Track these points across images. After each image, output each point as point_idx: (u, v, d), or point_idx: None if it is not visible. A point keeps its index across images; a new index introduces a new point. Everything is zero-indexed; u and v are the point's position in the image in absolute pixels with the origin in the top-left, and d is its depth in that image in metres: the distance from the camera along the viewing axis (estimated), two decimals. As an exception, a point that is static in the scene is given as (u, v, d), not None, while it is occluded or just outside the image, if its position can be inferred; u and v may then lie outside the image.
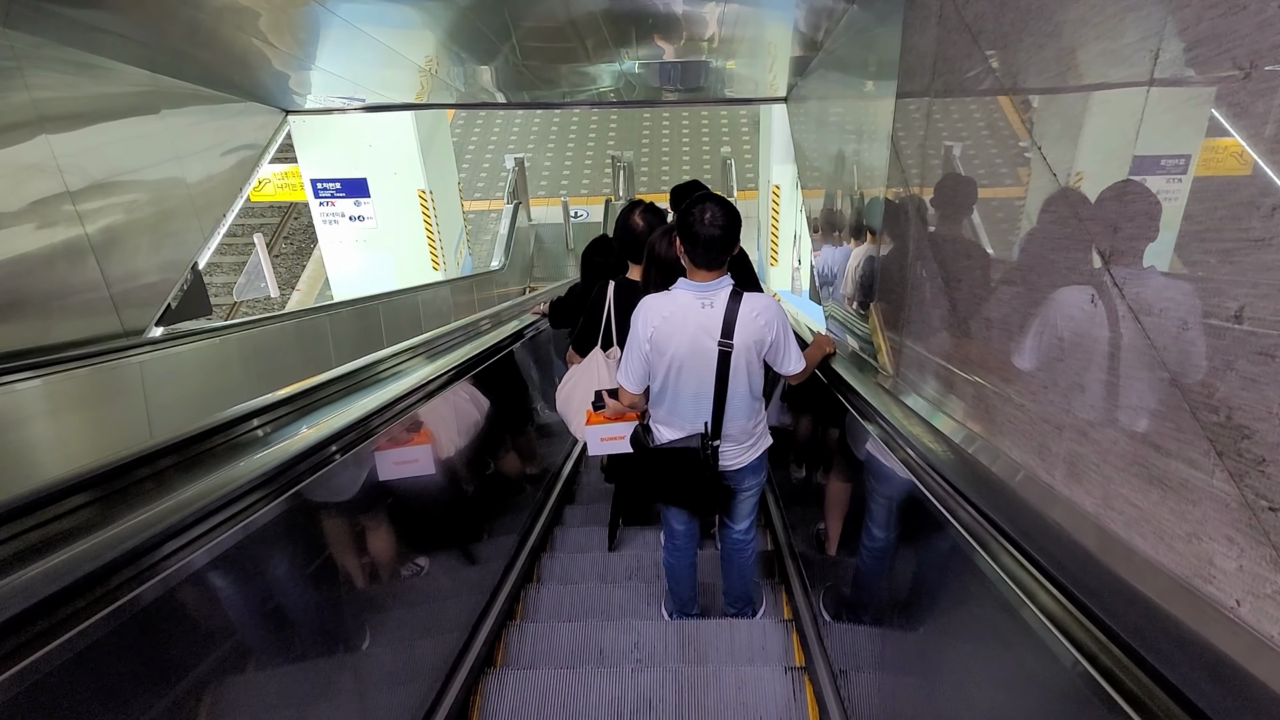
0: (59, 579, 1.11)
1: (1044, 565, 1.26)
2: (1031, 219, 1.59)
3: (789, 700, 2.79)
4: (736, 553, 3.20)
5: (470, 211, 14.76)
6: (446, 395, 2.93)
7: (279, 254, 14.29)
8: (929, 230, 2.32)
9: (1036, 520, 1.38)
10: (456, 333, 3.98)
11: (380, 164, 9.94)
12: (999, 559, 1.41)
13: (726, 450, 2.84)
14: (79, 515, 1.37)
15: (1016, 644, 1.34)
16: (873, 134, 3.01)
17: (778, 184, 10.37)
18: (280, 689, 1.73)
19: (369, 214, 10.17)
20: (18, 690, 1.04)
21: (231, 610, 1.56)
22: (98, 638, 1.16)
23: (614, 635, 3.19)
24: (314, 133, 9.70)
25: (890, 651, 2.14)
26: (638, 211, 3.22)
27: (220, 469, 1.60)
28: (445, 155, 11.45)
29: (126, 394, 3.66)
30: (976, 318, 1.85)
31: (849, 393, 2.60)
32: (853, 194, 3.48)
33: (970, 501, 1.55)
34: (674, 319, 2.62)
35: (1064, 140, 1.49)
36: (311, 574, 1.89)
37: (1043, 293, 1.49)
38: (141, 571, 1.27)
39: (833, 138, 4.08)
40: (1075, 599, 1.17)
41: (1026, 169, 1.65)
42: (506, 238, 12.17)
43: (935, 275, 2.18)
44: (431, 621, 2.67)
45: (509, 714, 2.75)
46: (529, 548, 3.88)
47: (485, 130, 16.48)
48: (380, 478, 2.29)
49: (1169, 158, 1.17)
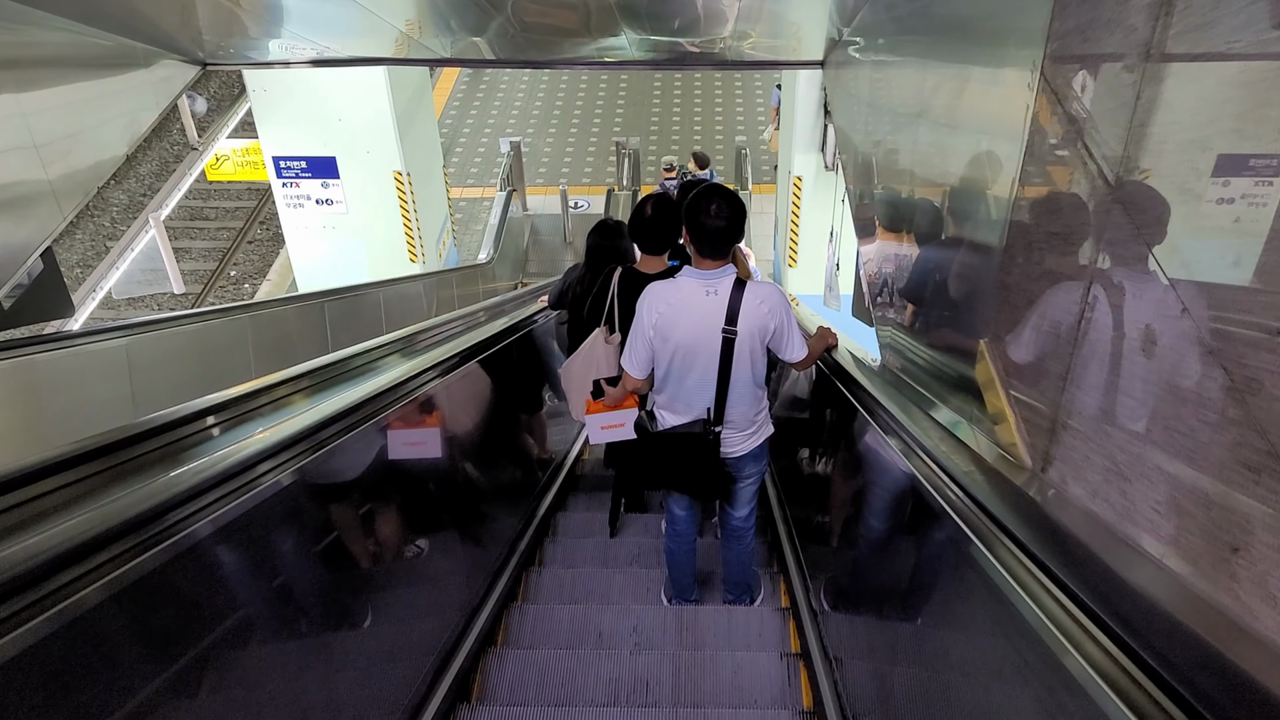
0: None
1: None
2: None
3: (784, 685, 2.84)
4: (736, 540, 3.24)
5: (462, 199, 13.64)
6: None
7: (253, 240, 13.20)
8: (1136, 255, 1.24)
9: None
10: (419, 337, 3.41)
11: (351, 141, 8.81)
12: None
13: (728, 437, 2.86)
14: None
15: (1012, 635, 1.34)
16: (985, 109, 2.03)
17: (800, 175, 9.20)
18: (287, 661, 1.78)
19: (338, 197, 9.05)
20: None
21: (249, 581, 1.62)
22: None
23: (613, 619, 3.24)
24: (276, 104, 8.58)
25: (885, 639, 2.19)
26: (650, 203, 3.18)
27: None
28: (427, 133, 10.31)
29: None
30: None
31: (853, 388, 2.61)
32: (942, 186, 2.35)
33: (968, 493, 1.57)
34: (679, 306, 2.66)
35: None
36: (322, 552, 1.95)
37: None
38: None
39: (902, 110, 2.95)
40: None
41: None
42: (497, 228, 11.03)
43: (1145, 327, 1.24)
44: (438, 599, 2.74)
45: (509, 690, 2.82)
46: (531, 532, 3.92)
47: (482, 112, 15.34)
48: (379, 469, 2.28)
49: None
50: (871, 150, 3.38)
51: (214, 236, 13.40)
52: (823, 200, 9.17)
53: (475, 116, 15.28)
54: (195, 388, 2.06)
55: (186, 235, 13.40)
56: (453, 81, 16.08)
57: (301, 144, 8.81)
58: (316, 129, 8.72)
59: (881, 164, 3.19)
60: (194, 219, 13.74)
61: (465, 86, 15.97)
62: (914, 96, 2.78)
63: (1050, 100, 1.57)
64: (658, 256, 3.19)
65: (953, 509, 1.64)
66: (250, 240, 13.23)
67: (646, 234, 3.15)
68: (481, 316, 4.79)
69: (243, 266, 12.91)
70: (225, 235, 13.37)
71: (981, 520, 1.51)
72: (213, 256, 12.95)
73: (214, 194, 14.07)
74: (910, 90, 2.84)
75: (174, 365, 3.94)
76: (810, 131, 8.89)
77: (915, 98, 2.75)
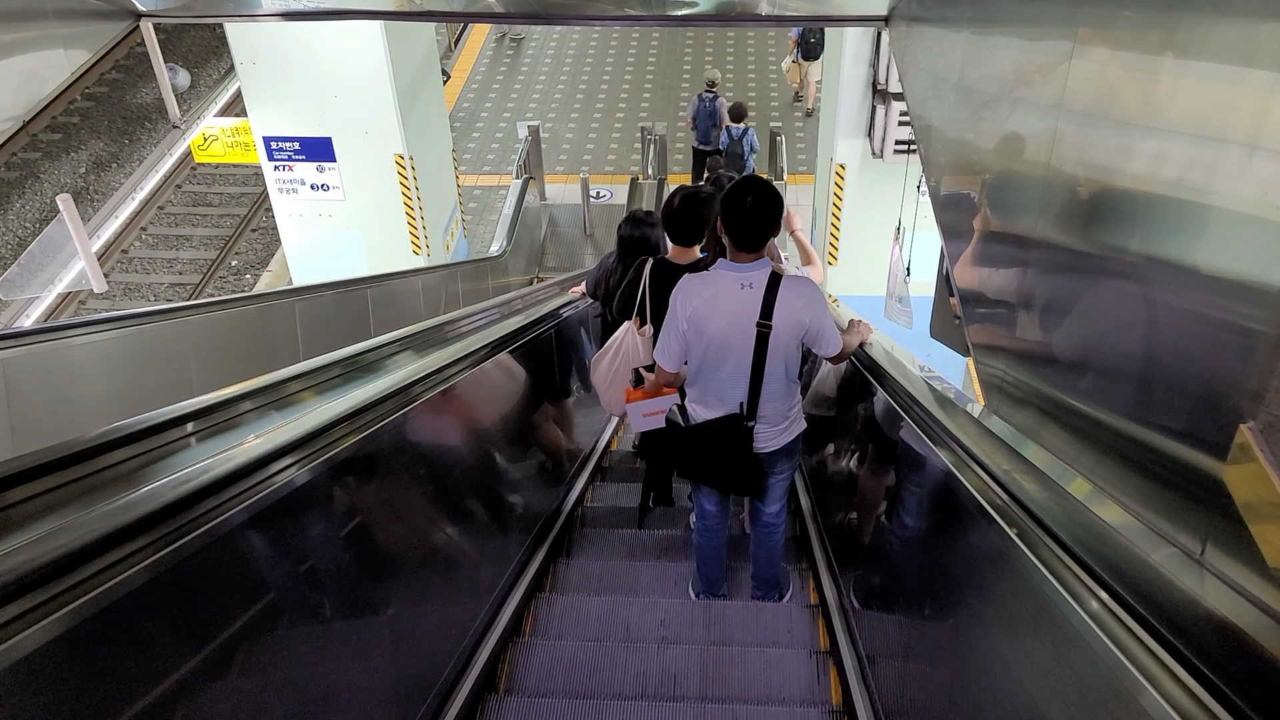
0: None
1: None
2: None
3: (812, 682, 2.79)
4: (766, 535, 3.21)
5: (477, 188, 12.83)
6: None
7: (258, 227, 12.50)
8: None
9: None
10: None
11: (348, 121, 8.01)
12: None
13: (761, 431, 2.84)
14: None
15: (1059, 642, 1.28)
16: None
17: (843, 163, 8.25)
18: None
19: (334, 182, 8.26)
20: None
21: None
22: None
23: (641, 612, 3.20)
24: (267, 78, 7.80)
25: (919, 639, 2.13)
26: (678, 196, 3.18)
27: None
28: (434, 113, 9.48)
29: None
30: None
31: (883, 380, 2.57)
32: (1137, 183, 1.47)
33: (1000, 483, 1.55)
34: (713, 300, 2.64)
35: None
36: (354, 535, 1.96)
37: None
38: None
39: (1015, 78, 2.05)
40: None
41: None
42: (511, 218, 10.19)
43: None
44: (465, 589, 2.73)
45: (536, 680, 2.77)
46: (559, 523, 3.92)
47: (501, 95, 14.50)
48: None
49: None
50: (971, 125, 2.49)
51: (217, 224, 12.73)
52: (869, 190, 8.22)
53: (494, 100, 14.46)
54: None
55: (188, 222, 12.74)
56: (472, 62, 15.27)
57: (295, 124, 8.03)
58: (311, 107, 7.94)
59: (992, 144, 2.29)
60: (196, 205, 13.08)
61: (485, 68, 15.15)
62: (1031, 60, 1.88)
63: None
64: (689, 248, 3.19)
65: (992, 507, 1.57)
66: (254, 228, 12.54)
67: (674, 226, 3.16)
68: (496, 314, 4.48)
69: (245, 256, 12.22)
70: (229, 223, 12.70)
71: (1023, 519, 1.45)
72: (214, 245, 12.29)
73: (219, 179, 13.41)
74: (1026, 53, 1.94)
75: (62, 388, 3.15)
76: (856, 114, 7.93)
77: (1035, 62, 1.85)
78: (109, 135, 13.87)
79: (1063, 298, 1.77)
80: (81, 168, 13.28)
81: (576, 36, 15.77)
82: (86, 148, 13.69)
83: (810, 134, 13.09)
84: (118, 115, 14.28)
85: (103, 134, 13.93)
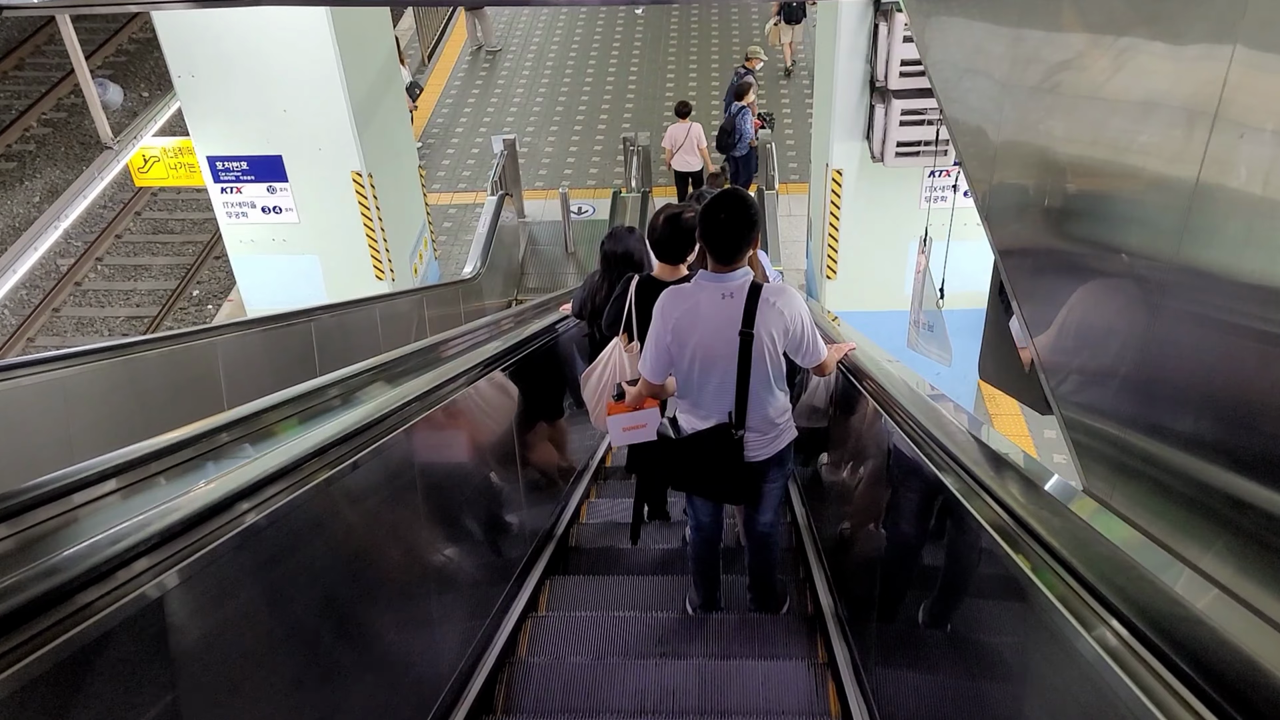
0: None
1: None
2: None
3: (811, 695, 2.80)
4: (762, 546, 3.23)
5: (451, 206, 12.17)
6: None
7: (220, 254, 11.80)
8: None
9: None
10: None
11: (300, 137, 7.33)
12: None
13: (751, 440, 2.85)
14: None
15: (1057, 653, 1.24)
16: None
17: (840, 168, 7.60)
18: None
19: (287, 204, 7.57)
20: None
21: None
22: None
23: (638, 627, 3.24)
24: (209, 92, 7.13)
25: (919, 651, 2.14)
26: (661, 216, 3.23)
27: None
28: (396, 125, 8.81)
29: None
30: None
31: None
32: None
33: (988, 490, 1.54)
34: (695, 311, 2.70)
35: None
36: (360, 552, 2.02)
37: None
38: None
39: None
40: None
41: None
42: (485, 238, 9.51)
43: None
44: (461, 610, 2.75)
45: (534, 699, 2.77)
46: (555, 540, 3.97)
47: (477, 109, 13.85)
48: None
49: None
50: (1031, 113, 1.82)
51: (179, 251, 12.05)
52: (870, 197, 7.57)
53: (470, 113, 13.82)
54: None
55: (148, 251, 12.05)
56: (446, 76, 14.64)
57: (242, 142, 7.35)
58: (259, 123, 7.27)
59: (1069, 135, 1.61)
60: (157, 232, 12.39)
61: (461, 81, 14.52)
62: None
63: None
64: (675, 266, 3.23)
65: (986, 519, 1.54)
66: (218, 255, 11.83)
67: (659, 246, 3.23)
68: (483, 334, 4.46)
69: (207, 285, 11.52)
70: (191, 250, 12.01)
71: (1022, 536, 1.40)
72: (175, 274, 11.59)
73: (181, 204, 12.73)
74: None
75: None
76: (853, 115, 7.29)
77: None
78: (65, 163, 13.20)
79: (1219, 357, 1.10)
80: (35, 196, 12.61)
81: (556, 45, 15.16)
82: (41, 176, 13.02)
83: (801, 139, 12.46)
84: (75, 142, 13.61)
85: (59, 161, 13.26)
